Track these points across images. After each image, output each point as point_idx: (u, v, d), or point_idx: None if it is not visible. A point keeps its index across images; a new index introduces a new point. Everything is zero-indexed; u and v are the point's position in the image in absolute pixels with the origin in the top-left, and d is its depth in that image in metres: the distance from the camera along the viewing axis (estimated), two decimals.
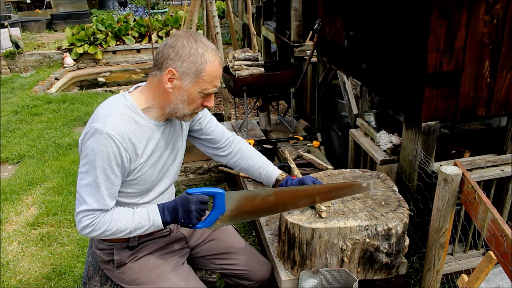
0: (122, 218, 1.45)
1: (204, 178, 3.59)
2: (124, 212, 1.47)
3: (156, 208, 1.49)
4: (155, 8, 12.08)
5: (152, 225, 1.48)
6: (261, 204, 1.57)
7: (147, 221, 1.47)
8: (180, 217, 1.45)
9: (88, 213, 1.41)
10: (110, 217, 1.44)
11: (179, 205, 1.45)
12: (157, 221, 1.48)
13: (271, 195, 1.57)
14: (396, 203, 1.69)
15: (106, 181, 1.40)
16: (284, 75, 3.17)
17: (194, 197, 1.44)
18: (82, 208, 1.40)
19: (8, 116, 5.34)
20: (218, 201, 1.47)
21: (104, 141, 1.37)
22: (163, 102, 1.46)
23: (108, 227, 1.43)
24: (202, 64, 1.40)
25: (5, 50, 7.70)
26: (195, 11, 4.13)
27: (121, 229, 1.45)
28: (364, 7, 2.43)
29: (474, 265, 2.25)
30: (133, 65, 8.34)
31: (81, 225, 1.42)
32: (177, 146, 1.62)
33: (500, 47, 1.92)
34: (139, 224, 1.46)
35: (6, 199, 3.44)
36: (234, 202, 1.50)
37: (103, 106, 1.46)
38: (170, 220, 1.48)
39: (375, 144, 2.39)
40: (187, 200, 1.44)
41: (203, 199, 1.45)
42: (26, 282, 2.58)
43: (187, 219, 1.45)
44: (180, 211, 1.45)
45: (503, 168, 2.09)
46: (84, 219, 1.41)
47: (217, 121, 1.77)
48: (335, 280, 1.64)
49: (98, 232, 1.43)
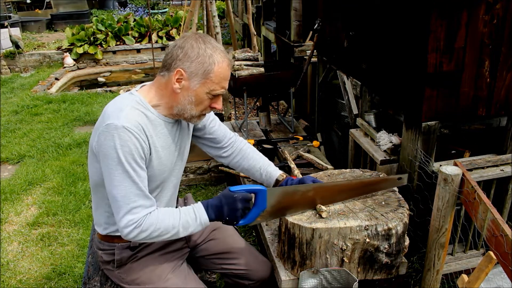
0: (168, 217, 1.41)
1: (204, 178, 3.59)
2: (169, 211, 1.43)
3: (201, 206, 1.46)
4: (155, 8, 12.08)
5: (199, 224, 1.44)
6: (300, 199, 1.60)
7: (194, 219, 1.43)
8: (225, 215, 1.44)
9: (133, 213, 1.35)
10: (156, 217, 1.39)
11: (224, 203, 1.44)
12: (204, 219, 1.45)
13: (310, 190, 1.61)
14: (396, 203, 1.69)
15: (137, 175, 1.36)
16: (284, 75, 3.17)
17: (239, 195, 1.43)
18: (125, 209, 1.34)
19: (8, 116, 5.34)
20: (260, 198, 1.48)
21: (122, 135, 1.34)
22: (171, 103, 1.46)
23: (155, 227, 1.38)
24: (211, 65, 1.40)
25: (5, 50, 7.71)
26: (195, 11, 4.13)
27: (169, 228, 1.40)
28: (364, 7, 2.43)
29: (474, 265, 2.25)
30: (133, 65, 8.35)
31: (127, 229, 1.35)
32: (183, 144, 1.62)
33: (500, 47, 1.92)
34: (187, 222, 1.43)
35: (6, 199, 3.44)
36: (275, 198, 1.52)
37: (112, 104, 1.45)
38: (215, 217, 1.46)
39: (375, 144, 2.39)
40: (233, 198, 1.43)
41: (247, 197, 1.45)
42: (26, 282, 2.58)
43: (232, 216, 1.44)
44: (226, 209, 1.43)
45: (503, 168, 2.09)
46: (130, 221, 1.35)
47: (220, 121, 1.77)
48: (335, 280, 1.64)
49: (145, 233, 1.37)
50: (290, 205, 1.60)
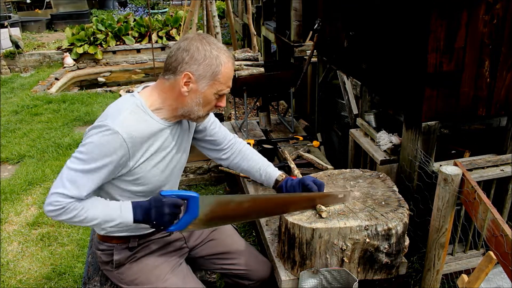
0: (93, 208, 1.41)
1: (204, 178, 3.59)
2: (96, 203, 1.43)
3: (129, 205, 1.45)
4: (155, 8, 12.08)
5: (122, 221, 1.43)
6: (235, 210, 1.56)
7: (117, 216, 1.43)
8: (153, 218, 1.42)
9: (63, 197, 1.36)
10: (82, 205, 1.39)
11: (153, 206, 1.41)
12: (128, 218, 1.43)
13: (245, 202, 1.57)
14: (396, 203, 1.69)
15: (96, 175, 1.38)
16: (284, 75, 3.17)
17: (168, 199, 1.40)
18: (59, 190, 1.35)
19: (8, 116, 5.35)
20: (192, 205, 1.43)
21: (109, 137, 1.35)
22: (176, 105, 1.46)
23: (78, 213, 1.38)
24: (218, 66, 1.40)
25: (5, 50, 7.71)
26: (195, 11, 4.13)
27: (91, 218, 1.40)
28: (364, 7, 2.43)
29: (474, 265, 2.25)
30: (133, 65, 8.35)
31: (50, 207, 1.36)
32: (183, 146, 1.62)
33: (500, 47, 1.92)
34: (109, 216, 1.42)
35: (6, 199, 3.44)
36: (208, 207, 1.46)
37: (113, 105, 1.46)
38: (142, 219, 1.44)
39: (375, 144, 2.39)
40: (161, 202, 1.40)
41: (177, 202, 1.41)
42: (26, 282, 2.58)
43: (160, 221, 1.42)
44: (153, 212, 1.41)
45: (503, 168, 2.09)
46: (57, 202, 1.36)
47: (220, 123, 1.76)
48: (335, 280, 1.64)
49: (66, 216, 1.38)
50: (226, 216, 1.55)
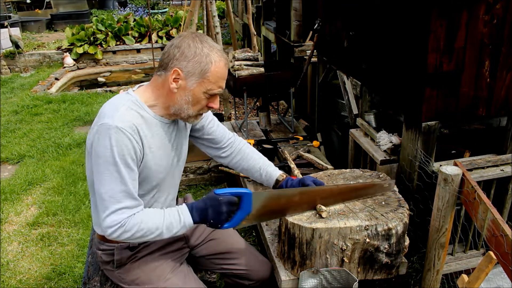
0: (152, 218, 1.40)
1: (204, 178, 3.59)
2: (154, 212, 1.42)
3: (186, 208, 1.45)
4: (155, 8, 12.08)
5: (183, 226, 1.43)
6: (286, 204, 1.59)
7: (178, 221, 1.42)
8: (210, 218, 1.42)
9: (118, 213, 1.35)
10: (140, 218, 1.38)
11: (209, 205, 1.42)
12: (188, 221, 1.43)
13: (296, 195, 1.60)
14: (396, 203, 1.69)
15: (128, 176, 1.37)
16: (284, 75, 3.17)
17: (224, 197, 1.41)
18: (111, 209, 1.35)
19: (8, 116, 5.34)
20: (245, 201, 1.46)
21: (115, 135, 1.34)
22: (167, 102, 1.46)
23: (138, 227, 1.37)
24: (207, 64, 1.40)
25: (5, 50, 7.71)
26: (195, 11, 4.13)
27: (152, 229, 1.39)
28: (364, 7, 2.43)
29: (474, 265, 2.25)
30: (133, 65, 8.34)
31: (110, 230, 1.36)
32: (180, 145, 1.62)
33: (500, 47, 1.92)
34: (171, 224, 1.42)
35: (6, 199, 3.44)
36: (260, 202, 1.50)
37: (108, 104, 1.45)
38: (199, 220, 1.44)
39: (375, 144, 2.39)
40: (218, 201, 1.41)
41: (232, 200, 1.42)
42: (26, 282, 2.58)
43: (217, 220, 1.42)
44: (210, 212, 1.41)
45: (503, 168, 2.09)
46: (114, 221, 1.35)
47: (218, 122, 1.76)
48: (335, 280, 1.64)
49: (128, 234, 1.37)
50: (276, 209, 1.58)
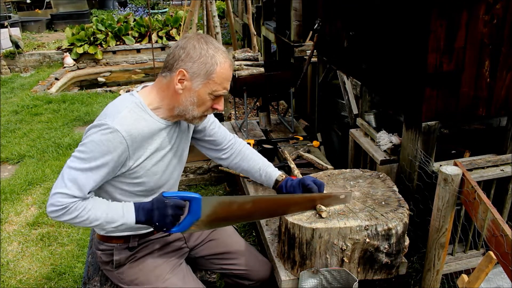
0: (95, 208, 1.41)
1: (204, 178, 3.59)
2: (98, 203, 1.43)
3: (132, 206, 1.45)
4: (155, 8, 12.08)
5: (124, 222, 1.43)
6: (237, 211, 1.56)
7: (120, 216, 1.42)
8: (155, 220, 1.41)
9: (65, 197, 1.36)
10: (84, 205, 1.39)
11: (155, 207, 1.41)
12: (130, 219, 1.43)
13: (248, 203, 1.57)
14: (396, 203, 1.69)
15: (97, 174, 1.38)
16: (284, 75, 3.17)
17: (171, 201, 1.40)
18: (60, 190, 1.35)
19: (8, 116, 5.34)
20: (194, 206, 1.43)
21: (109, 135, 1.35)
22: (172, 104, 1.46)
23: (79, 214, 1.38)
24: (213, 66, 1.40)
25: (5, 50, 7.71)
26: (195, 11, 4.13)
27: (92, 219, 1.40)
28: (364, 7, 2.43)
29: (474, 265, 2.25)
30: (133, 65, 8.34)
31: (52, 207, 1.36)
32: (181, 146, 1.62)
33: (500, 47, 1.92)
34: (112, 218, 1.42)
35: (6, 199, 3.44)
36: (210, 208, 1.46)
37: (111, 105, 1.46)
38: (144, 220, 1.43)
39: (375, 144, 2.39)
40: (164, 203, 1.40)
41: (180, 203, 1.41)
42: (26, 282, 2.58)
43: (162, 223, 1.41)
44: (156, 214, 1.41)
45: (503, 168, 2.09)
46: (58, 202, 1.35)
47: (220, 123, 1.76)
48: (335, 280, 1.64)
49: (68, 217, 1.37)
50: (228, 217, 1.55)
